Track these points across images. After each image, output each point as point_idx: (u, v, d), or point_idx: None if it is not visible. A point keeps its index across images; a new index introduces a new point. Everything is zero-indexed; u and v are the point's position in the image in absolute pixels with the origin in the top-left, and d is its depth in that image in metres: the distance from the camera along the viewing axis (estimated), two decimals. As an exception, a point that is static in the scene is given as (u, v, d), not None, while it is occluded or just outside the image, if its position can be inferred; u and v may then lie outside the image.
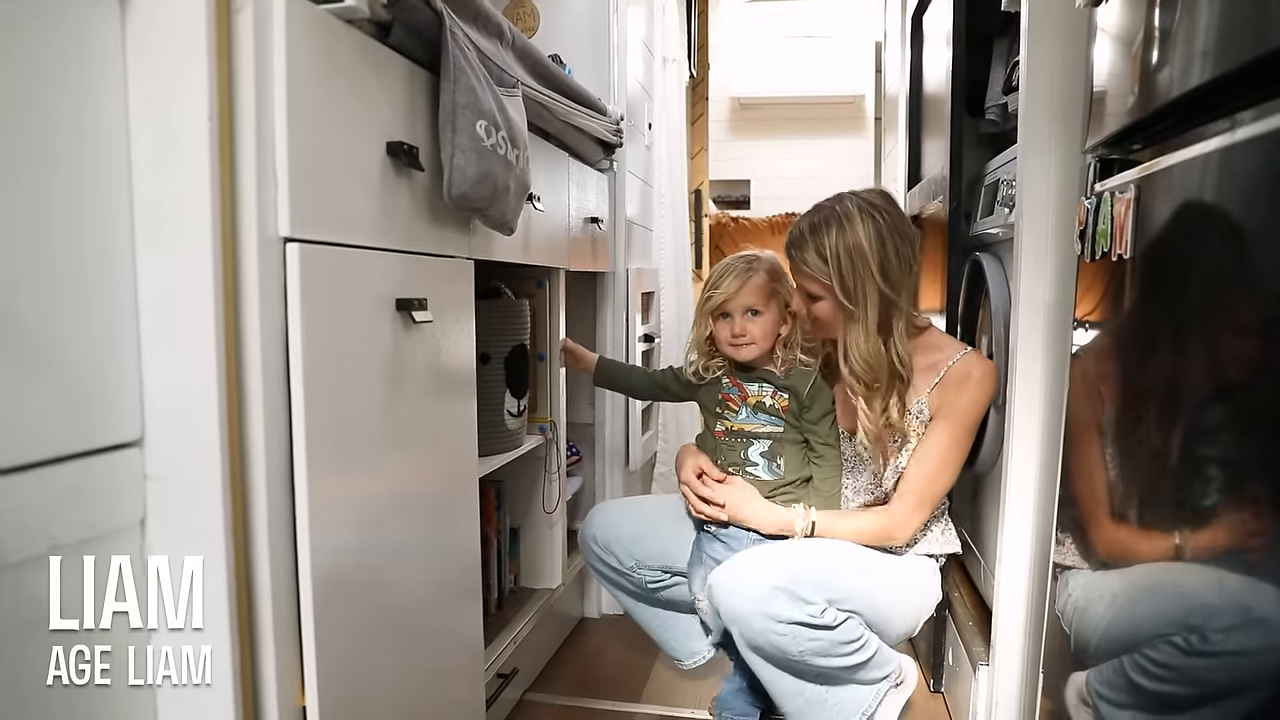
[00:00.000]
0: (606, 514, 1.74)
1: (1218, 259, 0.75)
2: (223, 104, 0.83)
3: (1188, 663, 0.76)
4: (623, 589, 1.73)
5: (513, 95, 1.30)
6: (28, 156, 0.72)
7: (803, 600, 1.34)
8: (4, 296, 0.70)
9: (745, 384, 1.58)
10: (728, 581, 1.39)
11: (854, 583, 1.41)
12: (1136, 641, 0.86)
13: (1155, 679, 0.82)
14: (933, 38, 2.26)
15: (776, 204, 4.64)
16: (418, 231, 1.16)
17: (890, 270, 1.41)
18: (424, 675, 1.23)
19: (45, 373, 0.74)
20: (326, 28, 0.95)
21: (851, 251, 1.40)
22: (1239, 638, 0.70)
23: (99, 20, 0.79)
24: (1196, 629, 0.75)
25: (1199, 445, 0.77)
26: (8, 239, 0.71)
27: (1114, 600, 0.95)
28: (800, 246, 1.45)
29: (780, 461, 1.56)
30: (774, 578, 1.35)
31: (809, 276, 1.45)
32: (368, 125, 1.04)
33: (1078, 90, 1.22)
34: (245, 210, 0.85)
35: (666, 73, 2.95)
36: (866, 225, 1.40)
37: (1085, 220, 1.02)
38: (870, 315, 1.41)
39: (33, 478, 0.72)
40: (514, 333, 1.72)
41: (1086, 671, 0.99)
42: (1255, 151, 0.67)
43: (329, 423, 0.96)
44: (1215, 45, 0.74)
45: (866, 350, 1.42)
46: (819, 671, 1.40)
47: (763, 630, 1.34)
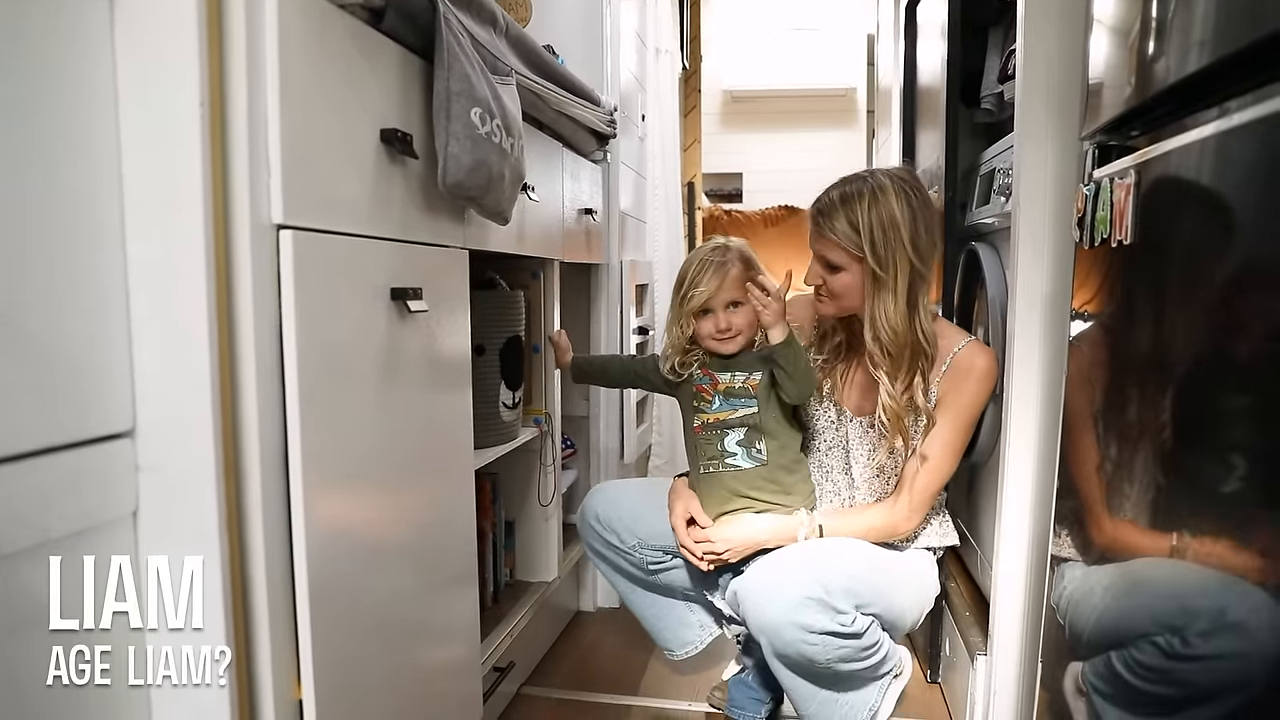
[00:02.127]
0: (608, 492, 1.72)
1: (1218, 244, 0.74)
2: (214, 90, 0.81)
3: (1170, 665, 0.76)
4: (621, 570, 1.71)
5: (507, 83, 1.29)
6: (14, 144, 0.71)
7: (835, 609, 1.32)
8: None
9: (718, 373, 1.55)
10: (756, 591, 1.36)
11: (875, 584, 1.40)
12: (1124, 638, 0.86)
13: (1142, 679, 0.82)
14: (927, 28, 2.26)
15: (769, 197, 4.64)
16: (412, 220, 1.15)
17: (920, 243, 1.41)
18: (420, 668, 1.22)
19: (34, 362, 0.73)
20: (319, 13, 0.94)
21: (884, 221, 1.39)
22: (1215, 641, 0.70)
23: (88, 6, 0.77)
24: (1178, 630, 0.75)
25: (1197, 436, 0.77)
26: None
27: (1105, 593, 0.95)
28: (830, 214, 1.43)
29: (760, 446, 1.52)
30: (806, 587, 1.32)
31: (835, 246, 1.43)
32: (361, 112, 1.03)
33: (1074, 77, 1.22)
34: (238, 197, 0.84)
35: (660, 64, 2.94)
36: (900, 198, 1.40)
37: (1084, 207, 1.02)
38: (900, 285, 1.40)
39: (24, 468, 0.71)
40: (509, 324, 1.71)
41: (1082, 662, 0.99)
42: (1253, 135, 0.66)
43: (323, 414, 0.95)
44: (1212, 32, 0.73)
45: (895, 319, 1.40)
46: (838, 675, 1.39)
47: (794, 640, 1.32)
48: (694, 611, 1.74)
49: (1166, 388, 0.83)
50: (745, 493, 1.53)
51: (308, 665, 0.92)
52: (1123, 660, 0.85)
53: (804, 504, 1.54)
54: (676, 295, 1.55)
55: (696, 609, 1.73)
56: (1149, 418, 0.86)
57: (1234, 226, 0.72)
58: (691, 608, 1.74)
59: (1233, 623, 0.68)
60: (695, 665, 1.84)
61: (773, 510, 1.52)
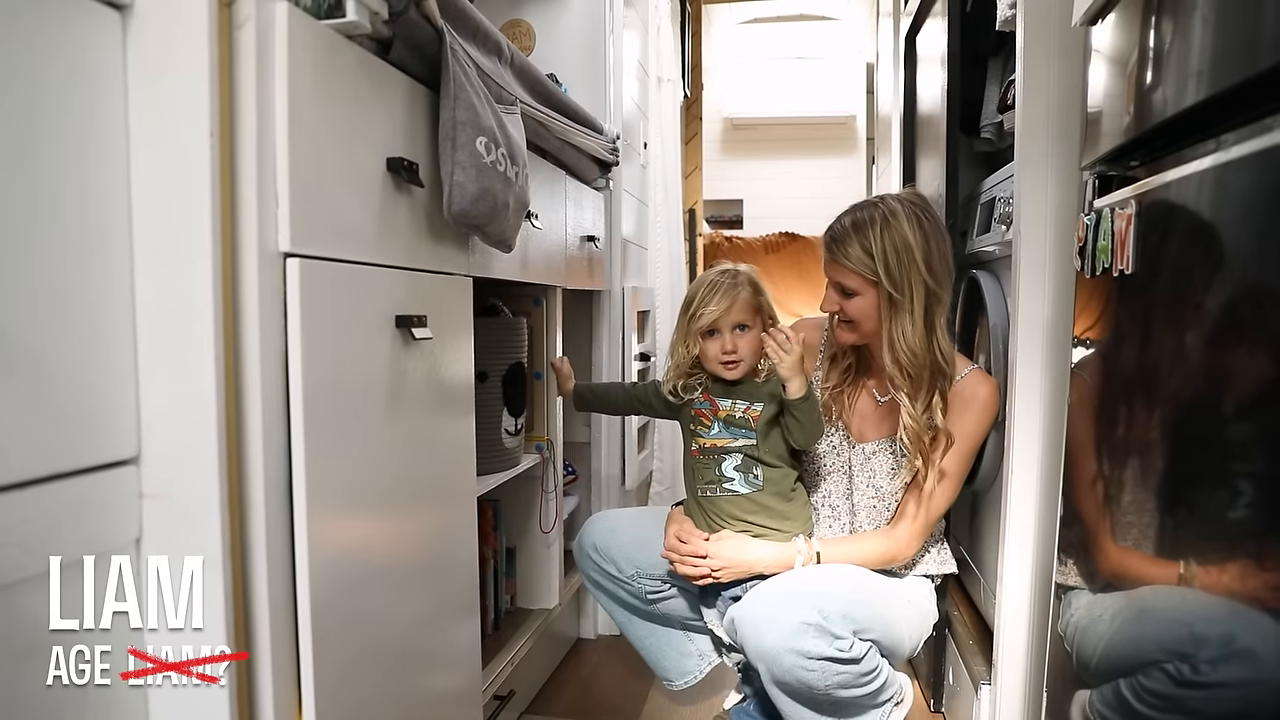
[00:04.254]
0: (605, 521, 1.72)
1: (1218, 274, 0.75)
2: (224, 119, 0.82)
3: (1179, 693, 0.76)
4: (619, 600, 1.70)
5: (512, 113, 1.30)
6: (27, 172, 0.72)
7: (833, 635, 1.31)
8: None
9: (719, 399, 1.55)
10: (753, 618, 1.35)
11: (873, 610, 1.39)
12: (1132, 665, 0.85)
13: (1151, 706, 0.81)
14: (926, 58, 2.28)
15: (769, 223, 4.66)
16: (417, 248, 1.16)
17: (934, 264, 1.42)
18: (422, 696, 1.21)
19: (40, 389, 0.73)
20: (328, 44, 0.95)
21: (898, 245, 1.41)
22: (1224, 669, 0.69)
23: (101, 36, 0.79)
24: (1188, 658, 0.74)
25: (1200, 463, 0.77)
26: (5, 255, 0.70)
27: (1112, 620, 0.94)
28: (843, 241, 1.45)
29: (758, 472, 1.52)
30: (803, 613, 1.31)
31: (850, 272, 1.45)
32: (368, 141, 1.04)
33: (1074, 109, 1.23)
34: (245, 225, 0.85)
35: (662, 93, 2.97)
36: (912, 221, 1.42)
37: (1085, 236, 1.02)
38: (917, 307, 1.41)
39: (28, 496, 0.71)
40: (511, 351, 1.71)
41: (1090, 691, 0.98)
42: (1250, 169, 0.67)
43: (328, 441, 0.95)
44: (1209, 65, 0.74)
45: (914, 340, 1.41)
46: (837, 702, 1.38)
47: (792, 667, 1.31)
48: (693, 641, 1.72)
49: (1169, 415, 0.83)
50: (742, 517, 1.52)
51: (309, 692, 0.91)
52: (1131, 688, 0.85)
53: (801, 530, 1.53)
54: (684, 315, 1.55)
55: (696, 638, 1.72)
56: (1152, 445, 0.86)
57: (1233, 257, 0.72)
58: (690, 637, 1.72)
59: (1242, 650, 0.67)
60: (697, 694, 1.83)
61: (769, 536, 1.52)
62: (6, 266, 0.70)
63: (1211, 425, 0.75)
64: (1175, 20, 0.82)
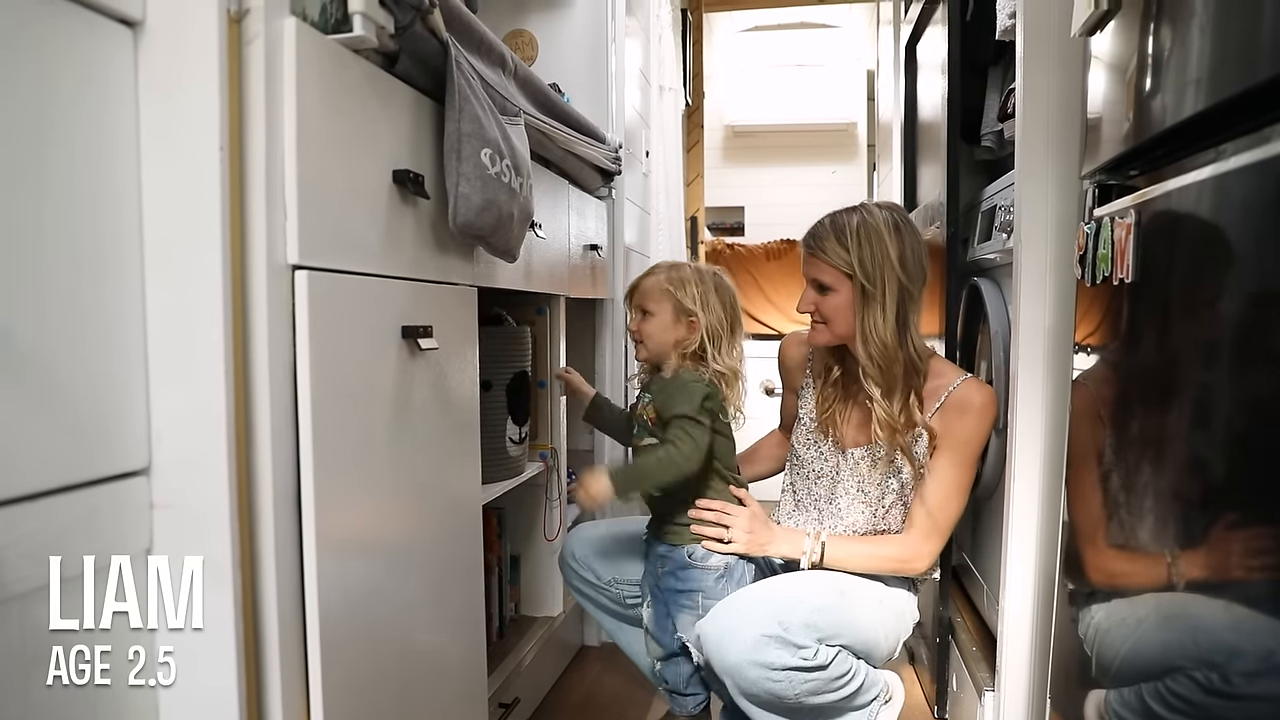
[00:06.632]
0: (583, 532, 1.75)
1: (1218, 283, 0.75)
2: (233, 133, 0.83)
3: (1206, 700, 0.75)
4: (603, 607, 1.72)
5: (515, 123, 1.32)
6: (39, 185, 0.73)
7: (795, 645, 1.32)
8: (11, 324, 0.70)
9: (641, 396, 1.57)
10: (715, 634, 1.36)
11: (839, 615, 1.39)
12: (1154, 671, 0.85)
13: (1174, 710, 0.81)
14: (927, 66, 2.29)
15: (771, 230, 4.66)
16: (423, 259, 1.16)
17: (908, 263, 1.45)
18: (427, 703, 1.22)
19: (51, 400, 0.74)
20: (335, 58, 0.96)
21: (871, 236, 1.45)
22: (1263, 683, 0.69)
23: (112, 51, 0.80)
24: (1217, 667, 0.74)
25: (1202, 471, 0.78)
26: (16, 267, 0.71)
27: (1135, 627, 0.94)
28: (820, 236, 1.49)
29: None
30: (762, 625, 1.32)
31: (825, 265, 1.48)
32: (375, 153, 1.05)
33: (1074, 117, 1.24)
34: (255, 238, 0.86)
35: (663, 101, 2.99)
36: (887, 223, 1.46)
37: (1085, 245, 1.03)
38: (889, 301, 1.44)
39: (39, 507, 0.72)
40: (515, 360, 1.72)
41: (1107, 692, 0.97)
42: (1249, 179, 0.68)
43: (336, 451, 0.96)
44: (1207, 76, 0.75)
45: (885, 332, 1.44)
46: (813, 708, 1.38)
47: (757, 680, 1.32)
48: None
49: (1170, 422, 0.84)
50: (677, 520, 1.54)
51: (317, 698, 0.92)
52: (1155, 691, 0.85)
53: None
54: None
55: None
56: (1153, 451, 0.87)
57: (1233, 266, 0.73)
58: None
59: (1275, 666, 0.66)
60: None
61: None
62: (19, 278, 0.71)
63: (1215, 432, 0.76)
64: (1174, 30, 0.83)
